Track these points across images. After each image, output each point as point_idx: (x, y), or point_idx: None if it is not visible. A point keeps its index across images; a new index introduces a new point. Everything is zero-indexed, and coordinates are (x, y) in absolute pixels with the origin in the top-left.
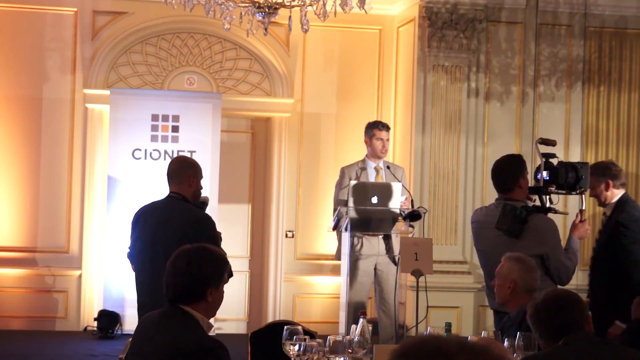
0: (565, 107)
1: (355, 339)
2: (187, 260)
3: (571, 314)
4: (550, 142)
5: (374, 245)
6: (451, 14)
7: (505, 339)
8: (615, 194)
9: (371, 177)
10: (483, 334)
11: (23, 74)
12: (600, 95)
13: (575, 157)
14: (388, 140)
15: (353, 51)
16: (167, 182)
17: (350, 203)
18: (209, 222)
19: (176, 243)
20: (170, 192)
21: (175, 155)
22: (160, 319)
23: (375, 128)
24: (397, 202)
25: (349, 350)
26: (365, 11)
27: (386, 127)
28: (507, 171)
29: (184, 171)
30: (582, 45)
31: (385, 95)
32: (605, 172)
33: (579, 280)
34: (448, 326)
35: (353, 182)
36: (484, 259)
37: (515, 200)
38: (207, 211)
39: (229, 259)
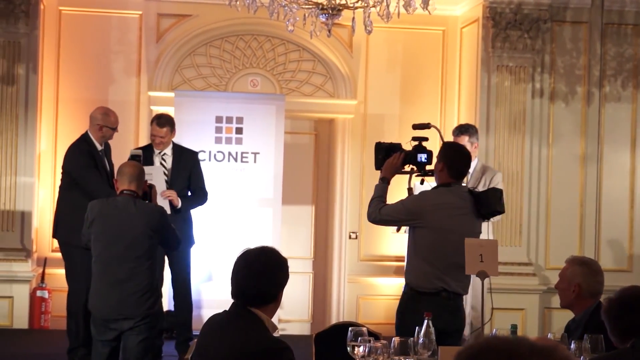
0: (631, 108)
1: (420, 340)
2: (264, 264)
3: None
4: (424, 126)
5: None
6: (515, 14)
7: (572, 342)
8: None
9: None
10: (549, 336)
11: (89, 76)
12: None
13: None
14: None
15: (416, 52)
16: (122, 181)
17: None
18: (166, 214)
19: (145, 239)
20: (125, 189)
21: (240, 157)
22: (227, 320)
23: (452, 133)
24: None
25: (414, 352)
26: (429, 12)
27: (459, 131)
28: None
29: (143, 176)
30: None
31: (449, 96)
32: None
33: None
34: (514, 328)
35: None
36: (451, 238)
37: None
38: None
39: (293, 260)
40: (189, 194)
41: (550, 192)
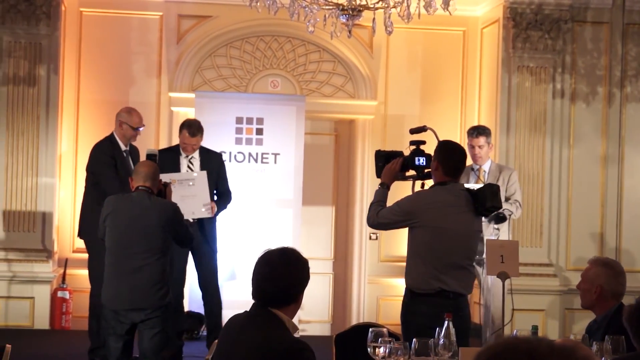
0: None
1: (441, 341)
2: (285, 265)
3: None
4: (421, 129)
5: None
6: (536, 15)
7: (594, 343)
8: None
9: (471, 180)
10: (572, 337)
11: (110, 77)
12: None
13: None
14: (481, 146)
15: (437, 53)
16: (137, 179)
17: None
18: (179, 210)
19: (158, 232)
20: (140, 186)
21: (260, 158)
22: (247, 320)
23: (467, 134)
24: None
25: (435, 353)
26: (449, 13)
27: (477, 133)
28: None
29: (158, 175)
30: None
31: (470, 97)
32: None
33: None
34: (535, 329)
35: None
36: (447, 237)
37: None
38: None
39: (313, 261)
40: (215, 196)
41: (570, 193)
